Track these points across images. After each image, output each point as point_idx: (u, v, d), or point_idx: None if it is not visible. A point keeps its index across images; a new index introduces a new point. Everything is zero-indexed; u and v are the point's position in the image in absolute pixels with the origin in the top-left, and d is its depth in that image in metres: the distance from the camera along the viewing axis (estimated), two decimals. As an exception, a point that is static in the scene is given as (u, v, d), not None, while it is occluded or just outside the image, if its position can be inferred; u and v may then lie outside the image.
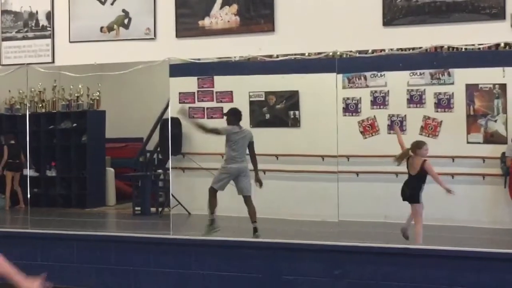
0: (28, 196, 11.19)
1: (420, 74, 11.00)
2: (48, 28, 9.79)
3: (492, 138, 10.72)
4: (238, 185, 10.20)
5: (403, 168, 10.16)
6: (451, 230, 10.12)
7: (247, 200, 10.11)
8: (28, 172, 11.85)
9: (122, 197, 14.36)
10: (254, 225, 9.85)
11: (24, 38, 9.91)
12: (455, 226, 10.27)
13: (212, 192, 10.25)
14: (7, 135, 14.24)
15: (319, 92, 10.78)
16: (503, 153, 10.52)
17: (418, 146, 9.37)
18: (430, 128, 11.00)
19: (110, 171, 14.55)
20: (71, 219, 12.71)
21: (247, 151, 10.27)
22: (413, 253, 8.19)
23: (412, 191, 9.27)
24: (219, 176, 10.29)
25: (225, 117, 10.61)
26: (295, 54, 9.03)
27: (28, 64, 9.90)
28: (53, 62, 9.84)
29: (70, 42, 9.72)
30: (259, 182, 10.25)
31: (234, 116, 10.41)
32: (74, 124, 14.40)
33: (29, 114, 11.71)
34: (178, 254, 9.08)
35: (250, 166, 10.30)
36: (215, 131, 10.55)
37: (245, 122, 11.90)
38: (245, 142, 10.29)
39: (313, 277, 8.43)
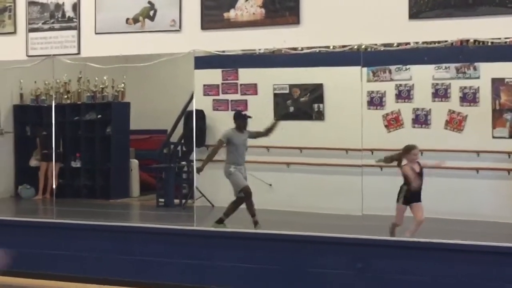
0: (54, 186, 11.26)
1: (446, 68, 10.94)
2: (74, 20, 9.83)
3: (518, 132, 10.67)
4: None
5: (426, 162, 10.15)
6: (475, 225, 10.06)
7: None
8: (54, 162, 11.92)
9: (146, 188, 14.41)
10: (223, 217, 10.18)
11: (50, 29, 9.97)
12: (480, 221, 10.21)
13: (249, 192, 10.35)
14: (37, 127, 14.33)
15: (344, 85, 10.75)
16: (529, 148, 10.46)
17: (406, 150, 9.33)
18: (455, 122, 10.95)
19: (134, 163, 14.61)
20: (95, 210, 12.78)
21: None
22: (435, 247, 8.15)
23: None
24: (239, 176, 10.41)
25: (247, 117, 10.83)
26: (319, 47, 9.00)
27: (54, 55, 9.95)
28: (78, 53, 9.88)
29: (95, 33, 9.75)
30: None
31: (235, 120, 10.68)
32: (99, 116, 14.46)
33: (54, 105, 11.77)
34: (201, 246, 9.10)
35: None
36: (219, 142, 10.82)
37: (269, 114, 11.94)
38: (244, 145, 10.61)
39: (336, 270, 8.43)
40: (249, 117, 10.77)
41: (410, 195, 9.27)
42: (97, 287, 9.22)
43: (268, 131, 10.85)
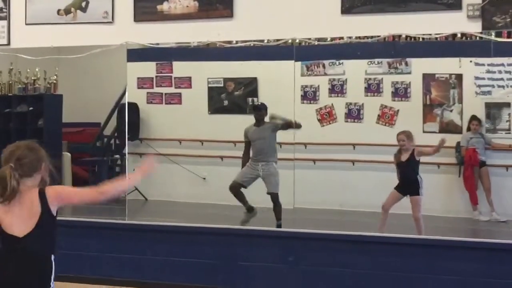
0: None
1: (378, 63, 11.06)
2: (4, 10, 9.66)
3: (447, 127, 10.84)
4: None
5: (358, 156, 10.26)
6: (404, 218, 10.19)
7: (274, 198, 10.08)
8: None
9: (79, 182, 14.23)
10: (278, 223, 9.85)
11: (-21, 19, 9.79)
12: (409, 214, 10.35)
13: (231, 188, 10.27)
14: None
15: (278, 79, 10.77)
16: (458, 143, 10.64)
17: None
18: (387, 117, 11.07)
19: (67, 156, 14.40)
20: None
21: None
22: (366, 240, 8.26)
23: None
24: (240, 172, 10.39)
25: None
26: (253, 41, 9.02)
27: (-17, 46, 9.78)
28: (8, 44, 9.72)
29: (26, 24, 9.61)
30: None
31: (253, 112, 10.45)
32: (31, 108, 14.21)
33: (-16, 97, 11.56)
34: (133, 239, 9.04)
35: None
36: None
37: (203, 108, 11.92)
38: (262, 140, 10.26)
39: (267, 263, 8.46)
40: (259, 106, 10.56)
41: (400, 185, 9.45)
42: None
43: (297, 126, 10.20)
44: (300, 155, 10.14)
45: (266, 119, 10.37)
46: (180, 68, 12.08)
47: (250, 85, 11.93)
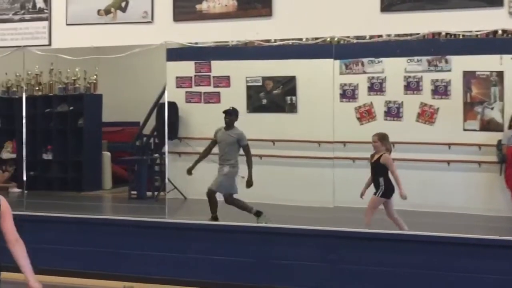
0: (24, 179, 11.17)
1: (418, 60, 10.99)
2: (45, 11, 9.76)
3: (488, 125, 10.73)
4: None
5: (398, 154, 10.20)
6: (446, 217, 10.13)
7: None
8: (24, 155, 11.81)
9: (118, 181, 14.35)
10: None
11: (21, 20, 9.88)
12: (451, 213, 10.28)
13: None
14: None
15: (316, 78, 10.75)
16: (499, 141, 10.52)
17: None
18: (427, 115, 11.00)
19: (107, 155, 14.54)
20: (67, 202, 12.71)
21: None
22: (407, 239, 8.21)
23: None
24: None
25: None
26: (292, 39, 9.00)
27: (24, 46, 9.87)
28: (50, 44, 9.81)
29: (67, 24, 9.68)
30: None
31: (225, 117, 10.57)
32: (71, 108, 14.37)
33: (25, 97, 11.68)
34: (173, 238, 9.08)
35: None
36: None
37: (242, 107, 11.92)
38: (224, 144, 10.43)
39: (308, 262, 8.45)
40: (229, 111, 10.64)
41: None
42: (65, 280, 9.19)
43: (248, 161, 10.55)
44: (339, 154, 10.11)
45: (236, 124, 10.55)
46: (219, 67, 12.12)
47: (288, 84, 11.93)
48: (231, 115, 10.55)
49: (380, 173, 9.30)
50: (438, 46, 10.19)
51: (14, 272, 5.25)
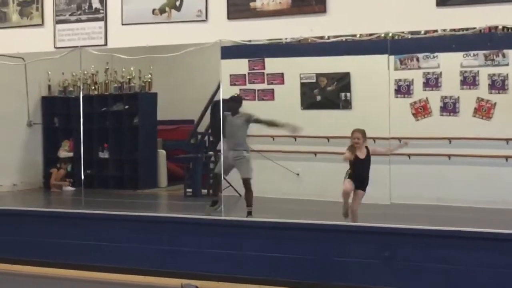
0: (82, 177, 11.32)
1: (474, 55, 10.87)
2: (101, 11, 9.86)
3: (547, 119, 10.58)
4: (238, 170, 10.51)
5: (454, 150, 10.09)
6: (505, 213, 9.99)
7: (246, 184, 10.38)
8: (82, 153, 11.97)
9: (174, 179, 14.46)
10: (248, 209, 10.13)
11: (77, 21, 10.00)
12: (509, 209, 10.13)
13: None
14: None
15: (371, 74, 10.71)
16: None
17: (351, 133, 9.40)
18: (484, 110, 10.87)
19: (162, 153, 14.66)
20: (123, 200, 12.85)
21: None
22: (463, 236, 8.10)
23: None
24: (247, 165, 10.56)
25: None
26: (346, 36, 8.95)
27: (81, 46, 9.99)
28: (105, 44, 9.91)
29: (122, 24, 9.77)
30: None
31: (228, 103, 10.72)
32: (126, 106, 14.52)
33: (82, 97, 11.83)
34: (229, 235, 9.11)
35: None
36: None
37: (295, 104, 11.93)
38: (235, 128, 10.49)
39: (363, 259, 8.41)
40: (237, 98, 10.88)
41: (354, 180, 9.30)
42: (122, 277, 9.29)
43: (271, 124, 10.73)
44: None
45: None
46: (273, 64, 12.13)
47: (342, 80, 11.89)
48: (237, 101, 10.75)
49: (369, 167, 9.28)
50: (495, 40, 10.06)
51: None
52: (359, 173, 9.33)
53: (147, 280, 9.22)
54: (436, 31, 8.87)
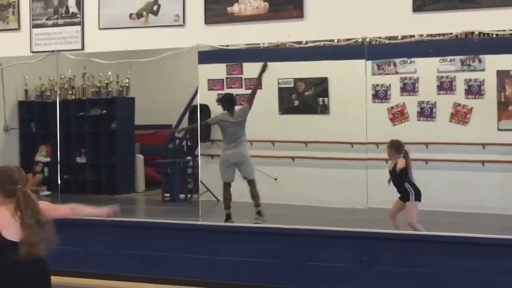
0: (59, 182, 11.26)
1: (450, 60, 10.93)
2: (78, 15, 9.82)
3: (524, 124, 10.65)
4: (241, 171, 10.46)
5: (431, 155, 10.12)
6: (481, 218, 10.05)
7: (251, 184, 10.37)
8: (58, 158, 11.90)
9: (151, 183, 14.42)
10: (257, 209, 10.17)
11: (54, 25, 9.95)
12: (486, 214, 10.19)
13: (226, 187, 10.39)
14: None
15: (348, 79, 10.74)
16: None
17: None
18: (460, 115, 10.93)
19: (140, 158, 14.62)
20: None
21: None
22: (441, 240, 8.14)
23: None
24: (221, 169, 10.44)
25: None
26: (324, 41, 8.96)
27: (58, 51, 9.94)
28: (82, 49, 9.86)
29: (99, 29, 9.73)
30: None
31: (222, 102, 10.78)
32: (104, 111, 14.46)
33: (59, 101, 11.77)
34: (207, 240, 9.10)
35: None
36: (206, 124, 11.03)
37: (273, 109, 11.93)
38: (238, 126, 10.48)
39: (340, 263, 8.42)
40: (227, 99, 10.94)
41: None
42: (101, 282, 9.24)
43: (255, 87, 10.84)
44: (372, 155, 10.07)
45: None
46: (250, 69, 12.12)
47: (320, 85, 11.92)
48: (233, 100, 10.89)
49: (402, 179, 9.18)
50: (471, 46, 10.12)
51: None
52: (395, 185, 9.30)
53: (123, 285, 9.18)
54: (413, 36, 8.92)
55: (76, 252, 9.56)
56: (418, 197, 9.17)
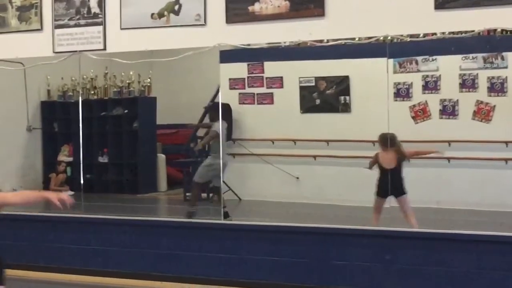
0: (81, 182, 11.31)
1: (473, 58, 10.87)
2: (100, 16, 9.86)
3: (546, 121, 10.58)
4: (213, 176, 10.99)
5: (454, 153, 10.07)
6: (505, 216, 9.99)
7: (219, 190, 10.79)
8: (81, 158, 11.96)
9: (173, 183, 14.46)
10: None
11: (76, 25, 9.99)
12: (509, 212, 10.14)
13: (197, 186, 10.51)
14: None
15: (370, 77, 10.72)
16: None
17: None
18: (483, 112, 10.88)
19: (161, 157, 14.66)
20: (124, 205, 12.84)
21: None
22: (464, 239, 8.10)
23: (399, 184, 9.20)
24: (203, 170, 10.54)
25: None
26: (345, 39, 8.94)
27: (80, 51, 9.99)
28: (104, 49, 9.89)
29: (121, 29, 9.76)
30: None
31: (215, 111, 10.93)
32: (126, 111, 14.52)
33: (81, 101, 11.83)
34: (229, 239, 9.11)
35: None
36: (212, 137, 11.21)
37: (295, 107, 11.93)
38: (224, 136, 10.90)
39: (363, 262, 8.40)
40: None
41: None
42: (125, 281, 9.28)
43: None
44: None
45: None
46: (272, 68, 12.13)
47: (342, 84, 11.90)
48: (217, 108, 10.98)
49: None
50: (493, 43, 10.06)
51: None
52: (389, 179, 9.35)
53: (148, 285, 9.21)
54: (435, 34, 8.86)
55: (99, 251, 9.62)
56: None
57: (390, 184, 9.23)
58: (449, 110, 11.09)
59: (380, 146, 9.37)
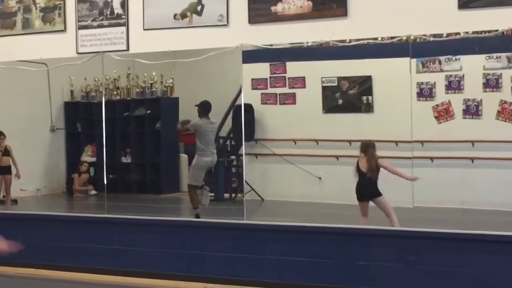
0: (105, 182, 11.36)
1: (497, 57, 10.81)
2: (123, 16, 9.90)
3: None
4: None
5: (478, 153, 10.01)
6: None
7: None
8: (104, 158, 12.00)
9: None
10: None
11: (99, 26, 10.04)
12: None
13: (193, 189, 10.89)
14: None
15: (393, 77, 10.69)
16: None
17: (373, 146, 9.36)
18: (507, 112, 10.81)
19: (184, 157, 14.68)
20: (146, 205, 12.89)
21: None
22: (487, 239, 8.05)
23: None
24: (193, 172, 10.97)
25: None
26: (368, 39, 8.92)
27: (103, 52, 10.03)
28: (127, 49, 9.94)
29: (144, 29, 9.80)
30: None
31: (202, 108, 11.10)
32: (148, 111, 14.58)
33: (104, 102, 11.88)
34: (252, 239, 9.11)
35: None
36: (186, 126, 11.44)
37: (317, 107, 11.91)
38: (214, 133, 11.11)
39: (386, 262, 8.37)
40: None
41: None
42: (148, 281, 9.31)
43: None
44: (417, 153, 10.00)
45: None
46: (294, 68, 12.12)
47: (364, 84, 11.87)
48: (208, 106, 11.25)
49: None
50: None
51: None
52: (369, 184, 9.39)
53: (171, 284, 9.23)
54: (458, 33, 8.83)
55: (123, 251, 9.66)
56: None
57: (366, 187, 9.22)
58: (472, 110, 11.04)
59: (360, 151, 9.42)
